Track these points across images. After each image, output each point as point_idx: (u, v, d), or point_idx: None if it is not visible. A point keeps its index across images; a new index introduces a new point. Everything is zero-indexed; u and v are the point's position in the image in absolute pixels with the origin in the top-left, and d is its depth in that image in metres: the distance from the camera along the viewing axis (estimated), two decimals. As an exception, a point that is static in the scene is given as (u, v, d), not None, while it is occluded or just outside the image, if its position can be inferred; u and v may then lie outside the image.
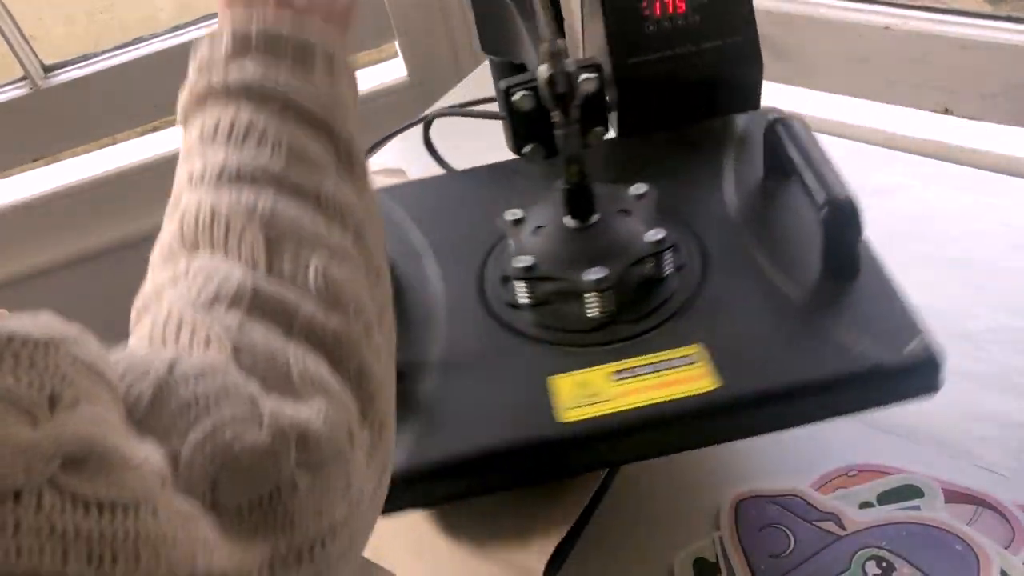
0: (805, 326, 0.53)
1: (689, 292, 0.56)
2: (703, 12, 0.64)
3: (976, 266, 0.71)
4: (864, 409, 0.53)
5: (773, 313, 0.54)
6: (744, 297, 0.56)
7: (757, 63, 0.65)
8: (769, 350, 0.52)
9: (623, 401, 0.51)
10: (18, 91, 1.06)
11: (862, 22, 0.86)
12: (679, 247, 0.58)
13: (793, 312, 0.54)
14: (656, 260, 0.56)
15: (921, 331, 0.51)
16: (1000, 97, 0.82)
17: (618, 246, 0.57)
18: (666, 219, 0.58)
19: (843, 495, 0.58)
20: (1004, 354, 0.64)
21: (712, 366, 0.51)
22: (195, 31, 1.10)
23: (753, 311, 0.55)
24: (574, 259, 0.56)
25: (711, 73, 0.65)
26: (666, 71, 0.64)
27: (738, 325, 0.54)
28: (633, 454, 0.54)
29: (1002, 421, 0.60)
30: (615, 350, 0.54)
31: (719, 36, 0.64)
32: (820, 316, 0.53)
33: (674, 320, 0.55)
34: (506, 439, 0.50)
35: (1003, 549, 0.53)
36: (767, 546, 0.56)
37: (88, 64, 1.08)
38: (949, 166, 0.81)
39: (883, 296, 0.53)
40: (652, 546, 0.58)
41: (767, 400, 0.51)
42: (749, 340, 0.53)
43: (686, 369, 0.52)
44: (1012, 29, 0.79)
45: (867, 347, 0.50)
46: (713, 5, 0.64)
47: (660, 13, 0.64)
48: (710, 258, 0.58)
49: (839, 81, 0.90)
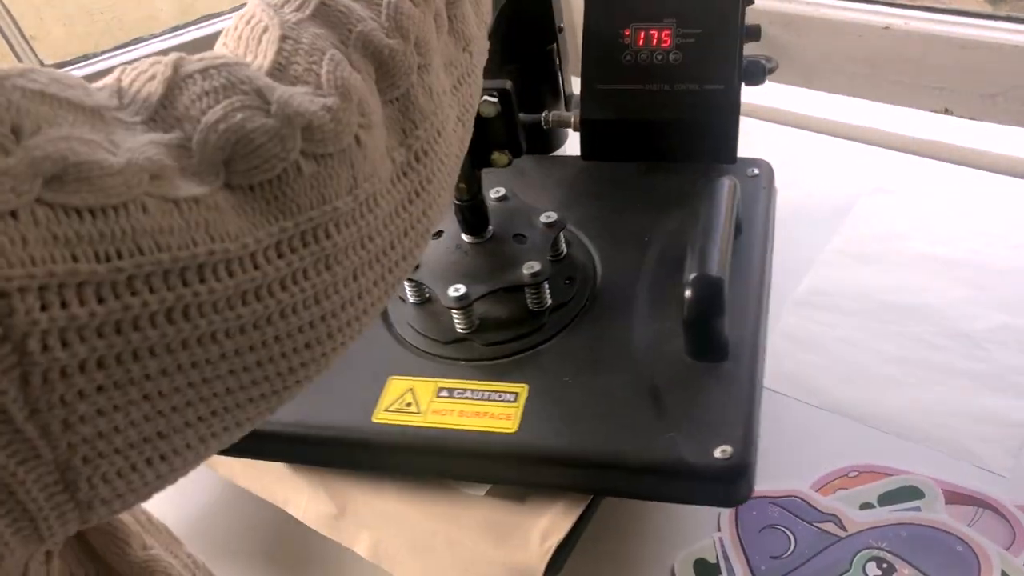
0: (634, 397, 0.52)
1: (552, 332, 0.58)
2: (688, 52, 0.61)
3: (976, 266, 0.71)
4: (664, 500, 0.51)
5: (615, 376, 0.53)
6: (599, 352, 0.56)
7: (734, 115, 0.61)
8: (582, 412, 0.52)
9: (430, 418, 0.54)
10: (18, 91, 1.06)
11: (862, 22, 0.86)
12: (567, 281, 0.59)
13: (634, 382, 0.53)
14: (531, 291, 0.58)
15: (741, 439, 0.48)
16: (1000, 97, 0.82)
17: (494, 269, 0.58)
18: (571, 253, 0.61)
19: (843, 496, 0.58)
20: (1004, 354, 0.64)
21: (522, 410, 0.52)
22: (195, 31, 1.09)
23: (599, 369, 0.54)
24: (449, 272, 0.58)
25: (683, 116, 0.62)
26: (635, 105, 0.62)
27: (575, 378, 0.54)
28: (421, 470, 0.56)
29: (1002, 421, 0.60)
30: (459, 367, 0.57)
31: (698, 80, 0.61)
32: (655, 392, 0.52)
33: (525, 355, 0.57)
34: (321, 423, 0.55)
35: (1004, 550, 0.53)
36: (767, 547, 0.56)
37: (88, 64, 1.08)
38: (949, 166, 0.81)
39: (731, 388, 0.51)
40: (652, 547, 0.58)
41: (550, 460, 0.51)
42: (572, 396, 0.53)
43: (503, 406, 0.53)
44: (1012, 29, 0.79)
45: (677, 439, 0.49)
46: (700, 47, 0.61)
47: (643, 44, 0.62)
48: (594, 303, 0.59)
49: (839, 81, 0.90)
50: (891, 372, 0.65)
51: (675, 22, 0.61)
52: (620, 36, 0.62)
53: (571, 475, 0.52)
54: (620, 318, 0.57)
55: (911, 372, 0.64)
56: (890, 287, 0.71)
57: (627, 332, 0.56)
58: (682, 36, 0.61)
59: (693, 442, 0.48)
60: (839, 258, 0.75)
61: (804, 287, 0.73)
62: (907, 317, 0.68)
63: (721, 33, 0.61)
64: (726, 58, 0.61)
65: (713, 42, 0.61)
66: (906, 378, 0.64)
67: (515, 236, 0.60)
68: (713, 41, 0.61)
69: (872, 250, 0.74)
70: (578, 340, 0.57)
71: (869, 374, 0.65)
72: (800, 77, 0.92)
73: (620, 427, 0.51)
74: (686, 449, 0.48)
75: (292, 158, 0.29)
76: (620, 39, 0.62)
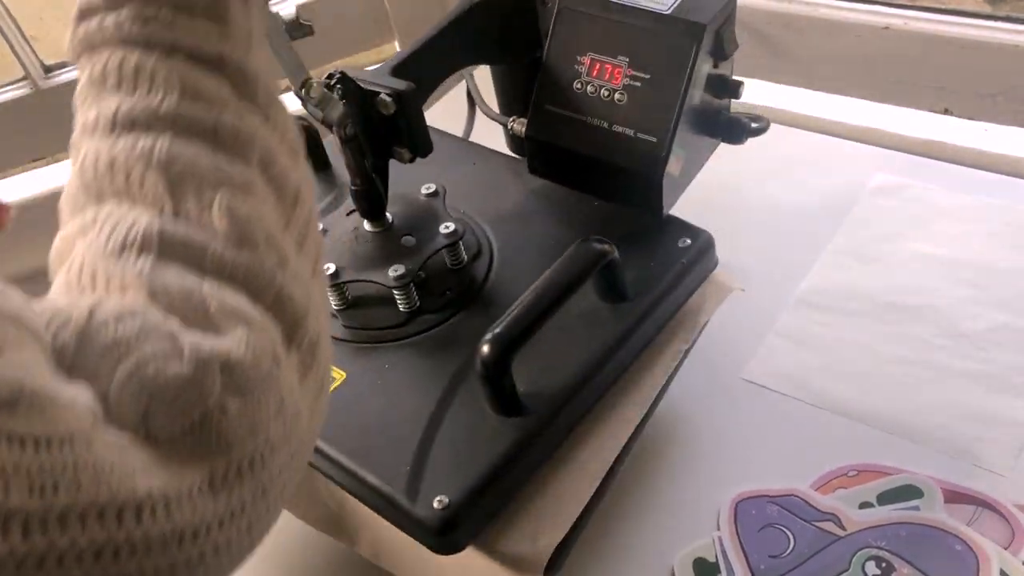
0: (413, 422, 0.53)
1: (405, 335, 0.59)
2: (632, 95, 0.59)
3: (976, 266, 0.71)
4: (394, 524, 0.52)
5: (418, 395, 0.55)
6: (426, 367, 0.57)
7: (659, 169, 0.59)
8: (365, 414, 0.54)
9: None
10: (18, 91, 1.06)
11: (862, 22, 0.86)
12: (447, 291, 0.60)
13: (428, 408, 0.54)
14: (398, 291, 0.58)
15: (463, 495, 0.49)
16: (1000, 97, 0.82)
17: (373, 259, 0.59)
18: (469, 267, 0.61)
19: (843, 495, 0.58)
20: (1004, 354, 0.64)
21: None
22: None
23: (414, 382, 0.56)
24: (336, 250, 0.60)
25: (612, 159, 0.60)
26: (575, 135, 0.61)
27: (385, 383, 0.56)
28: None
29: (1002, 421, 0.60)
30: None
31: (634, 125, 0.59)
32: (434, 425, 0.53)
33: (368, 346, 0.59)
34: None
35: (1003, 549, 0.53)
36: (767, 546, 0.56)
37: (88, 64, 1.08)
38: (949, 166, 0.81)
39: (493, 444, 0.51)
40: (652, 546, 0.58)
41: (318, 448, 0.53)
42: (370, 399, 0.55)
43: None
44: (1012, 29, 0.79)
45: (411, 475, 0.50)
46: (644, 93, 0.59)
47: (596, 75, 0.60)
48: (461, 321, 0.59)
49: (839, 81, 0.90)
50: (891, 372, 0.65)
51: (628, 61, 0.59)
52: (578, 62, 0.61)
53: (328, 466, 0.54)
54: (467, 344, 0.56)
55: (911, 372, 0.64)
56: (890, 287, 0.71)
57: (460, 359, 0.56)
58: (631, 77, 0.59)
59: (422, 482, 0.50)
60: (839, 258, 0.75)
61: (804, 287, 0.73)
62: (907, 317, 0.68)
63: (667, 84, 0.58)
64: (664, 110, 0.58)
65: (656, 91, 0.59)
66: (906, 378, 0.64)
67: (406, 235, 0.60)
68: (657, 89, 0.59)
69: (872, 250, 0.74)
70: (418, 351, 0.58)
71: (869, 374, 0.65)
72: (800, 77, 0.92)
73: (379, 442, 0.53)
74: (410, 487, 0.50)
75: (213, 402, 0.28)
76: (577, 64, 0.61)
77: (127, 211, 0.32)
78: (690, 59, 0.58)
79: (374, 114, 0.56)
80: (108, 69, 0.34)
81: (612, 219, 0.63)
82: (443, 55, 0.63)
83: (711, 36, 0.59)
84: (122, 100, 0.34)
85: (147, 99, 0.33)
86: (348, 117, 0.55)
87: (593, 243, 0.55)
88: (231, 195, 0.33)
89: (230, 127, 0.34)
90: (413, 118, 0.56)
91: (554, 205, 0.65)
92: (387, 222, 0.61)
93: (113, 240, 0.31)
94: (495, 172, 0.70)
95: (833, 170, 0.83)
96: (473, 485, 0.50)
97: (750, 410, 0.65)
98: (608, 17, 0.60)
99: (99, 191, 0.33)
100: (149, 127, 0.33)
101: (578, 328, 0.56)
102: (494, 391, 0.52)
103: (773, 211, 0.80)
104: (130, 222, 0.31)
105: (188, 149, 0.33)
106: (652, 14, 0.59)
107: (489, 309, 0.59)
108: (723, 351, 0.68)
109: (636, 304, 0.57)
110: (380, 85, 0.55)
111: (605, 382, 0.56)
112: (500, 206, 0.66)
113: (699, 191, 0.65)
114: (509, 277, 0.61)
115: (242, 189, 0.33)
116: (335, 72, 0.55)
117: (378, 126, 0.57)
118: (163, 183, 0.32)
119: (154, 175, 0.32)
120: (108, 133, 0.33)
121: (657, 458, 0.63)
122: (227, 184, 0.33)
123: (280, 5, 1.14)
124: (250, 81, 0.36)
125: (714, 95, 0.63)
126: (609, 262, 0.55)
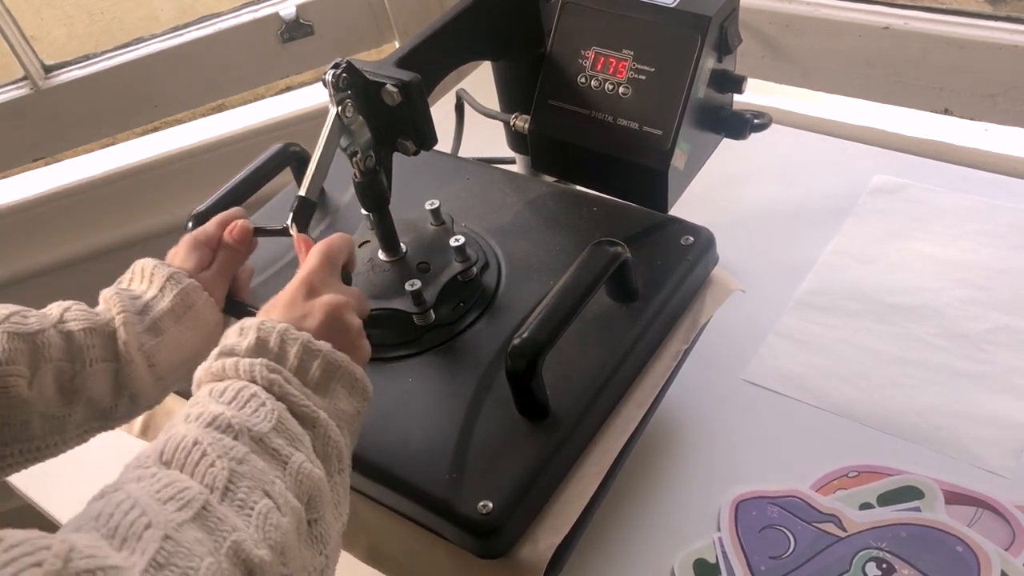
0: (448, 430, 0.53)
1: (422, 348, 0.58)
2: (636, 89, 0.59)
3: (976, 266, 0.71)
4: (430, 530, 0.52)
5: (445, 405, 0.55)
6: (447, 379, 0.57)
7: (664, 162, 0.59)
8: (397, 425, 0.54)
9: None
10: (18, 91, 1.06)
11: (862, 22, 0.86)
12: (461, 304, 0.60)
13: (459, 416, 0.54)
14: (415, 307, 0.58)
15: (506, 499, 0.49)
16: (1000, 97, 0.82)
17: (388, 286, 0.59)
18: (478, 279, 0.61)
19: (843, 496, 0.58)
20: (1004, 354, 0.64)
21: None
22: (195, 31, 1.09)
23: (439, 393, 0.56)
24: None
25: (617, 153, 0.60)
26: (579, 130, 0.61)
27: (410, 393, 0.56)
28: None
29: (1002, 421, 0.60)
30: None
31: (639, 119, 0.59)
32: (468, 432, 0.53)
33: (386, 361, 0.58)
34: None
35: (1003, 550, 0.53)
36: (767, 547, 0.56)
37: (88, 64, 1.08)
38: (949, 166, 0.81)
39: (527, 448, 0.51)
40: (652, 547, 0.58)
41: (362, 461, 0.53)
42: (398, 410, 0.55)
43: None
44: (1012, 29, 0.79)
45: (457, 481, 0.51)
46: (648, 87, 0.59)
47: (600, 69, 0.60)
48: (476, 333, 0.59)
49: (839, 81, 0.90)
50: (891, 372, 0.65)
51: (633, 55, 0.59)
52: (582, 56, 0.61)
53: (367, 481, 0.53)
54: (486, 353, 0.56)
55: (911, 373, 0.64)
56: (890, 287, 0.71)
57: (482, 368, 0.56)
58: (636, 71, 0.59)
59: (466, 488, 0.50)
60: (839, 258, 0.75)
61: (804, 287, 0.73)
62: (907, 318, 0.68)
63: (672, 77, 0.58)
64: (669, 103, 0.58)
65: (661, 84, 0.59)
66: (906, 379, 0.64)
67: (420, 264, 0.60)
68: (662, 83, 0.59)
69: (872, 250, 0.74)
70: (439, 363, 0.58)
71: (869, 374, 0.65)
72: (800, 77, 0.92)
73: (417, 453, 0.53)
74: (454, 493, 0.50)
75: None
76: (581, 58, 0.61)
77: (187, 480, 0.37)
78: (695, 52, 0.58)
79: (379, 105, 0.56)
80: (228, 390, 0.42)
81: (610, 221, 0.63)
82: (446, 50, 0.63)
83: (715, 29, 0.59)
84: (229, 409, 0.41)
85: (249, 416, 0.41)
86: (371, 146, 0.56)
87: (607, 245, 0.55)
88: (275, 508, 0.38)
89: (300, 465, 0.41)
90: (418, 109, 0.56)
91: (552, 212, 0.65)
92: (401, 251, 0.61)
93: (163, 492, 0.36)
94: (490, 185, 0.69)
95: (833, 170, 0.83)
96: (514, 488, 0.50)
97: (750, 411, 0.65)
98: (612, 11, 0.61)
99: (170, 460, 0.38)
100: (239, 435, 0.40)
101: (593, 329, 0.56)
102: (524, 397, 0.52)
103: (773, 211, 0.80)
104: (184, 485, 0.36)
105: (260, 462, 0.39)
106: (657, 7, 0.59)
107: (503, 317, 0.59)
108: (723, 351, 0.68)
109: (647, 302, 0.57)
110: (386, 76, 0.55)
111: (624, 380, 0.56)
112: (500, 217, 0.66)
113: (699, 191, 0.65)
114: (518, 285, 0.61)
115: (286, 510, 0.39)
116: (340, 61, 0.54)
117: (383, 118, 0.56)
118: (226, 472, 0.38)
119: (223, 463, 0.38)
120: (205, 425, 0.40)
121: (657, 459, 0.63)
122: (278, 497, 0.38)
123: (280, 5, 1.15)
124: (333, 449, 0.44)
125: (717, 89, 0.63)
126: (622, 263, 0.55)
